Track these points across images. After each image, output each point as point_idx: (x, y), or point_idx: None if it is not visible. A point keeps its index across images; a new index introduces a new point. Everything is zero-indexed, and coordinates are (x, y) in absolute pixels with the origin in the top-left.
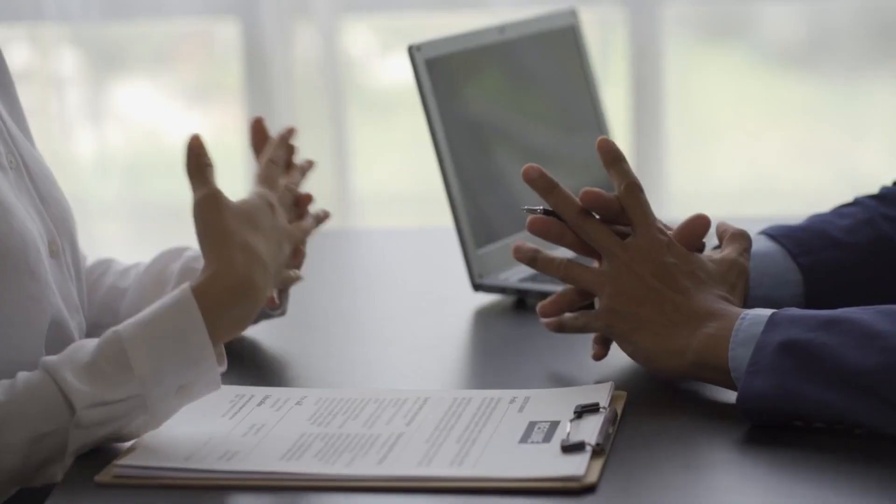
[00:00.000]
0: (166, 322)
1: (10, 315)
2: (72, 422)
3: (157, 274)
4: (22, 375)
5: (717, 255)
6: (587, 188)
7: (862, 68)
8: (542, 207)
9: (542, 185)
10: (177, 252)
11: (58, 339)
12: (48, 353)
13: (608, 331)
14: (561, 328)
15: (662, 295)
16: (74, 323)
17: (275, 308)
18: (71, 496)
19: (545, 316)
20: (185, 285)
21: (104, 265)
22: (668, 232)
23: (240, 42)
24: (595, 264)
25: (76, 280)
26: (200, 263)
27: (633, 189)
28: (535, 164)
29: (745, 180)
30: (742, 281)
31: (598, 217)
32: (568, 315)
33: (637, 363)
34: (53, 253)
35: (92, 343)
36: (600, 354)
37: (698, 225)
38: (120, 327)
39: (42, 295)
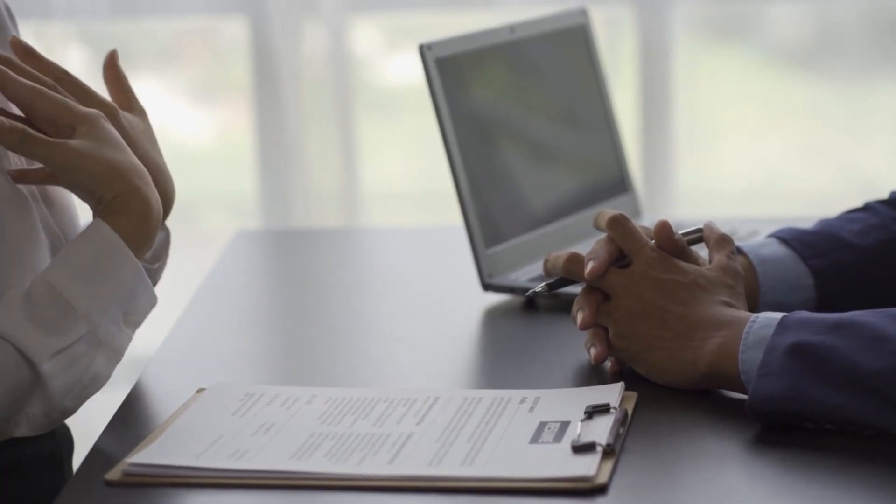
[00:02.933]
0: (86, 252)
1: None
2: (37, 376)
3: None
4: None
5: (709, 262)
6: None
7: (868, 68)
8: (544, 283)
9: (570, 267)
10: None
11: None
12: None
13: (621, 355)
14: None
15: (665, 310)
16: None
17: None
18: (80, 494)
19: (588, 327)
20: (90, 220)
21: None
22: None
23: (247, 40)
24: None
25: None
26: None
27: (618, 221)
28: (550, 255)
29: (751, 179)
30: (739, 283)
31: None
32: (594, 353)
33: (652, 381)
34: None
35: (15, 296)
36: (600, 357)
37: (664, 230)
38: (44, 274)
39: None
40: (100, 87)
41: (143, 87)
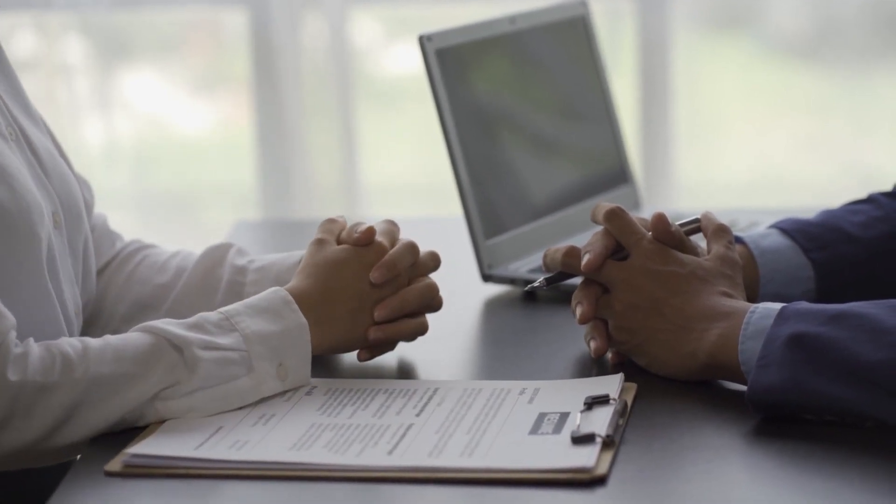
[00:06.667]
0: (262, 301)
1: (11, 278)
2: (182, 355)
3: (202, 277)
4: (99, 345)
5: (707, 252)
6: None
7: (869, 60)
8: (543, 277)
9: (568, 260)
10: (220, 253)
11: (43, 309)
12: (34, 324)
13: (622, 348)
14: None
15: (664, 302)
16: (68, 296)
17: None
18: (80, 485)
19: (587, 321)
20: (276, 288)
21: (141, 254)
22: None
23: (248, 31)
24: None
25: (80, 255)
26: (244, 276)
27: (615, 214)
28: (549, 249)
29: (751, 171)
30: (737, 273)
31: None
32: (594, 346)
33: (653, 372)
34: (56, 224)
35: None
36: (600, 350)
37: (661, 222)
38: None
39: (42, 257)
40: (96, 84)
41: (144, 79)
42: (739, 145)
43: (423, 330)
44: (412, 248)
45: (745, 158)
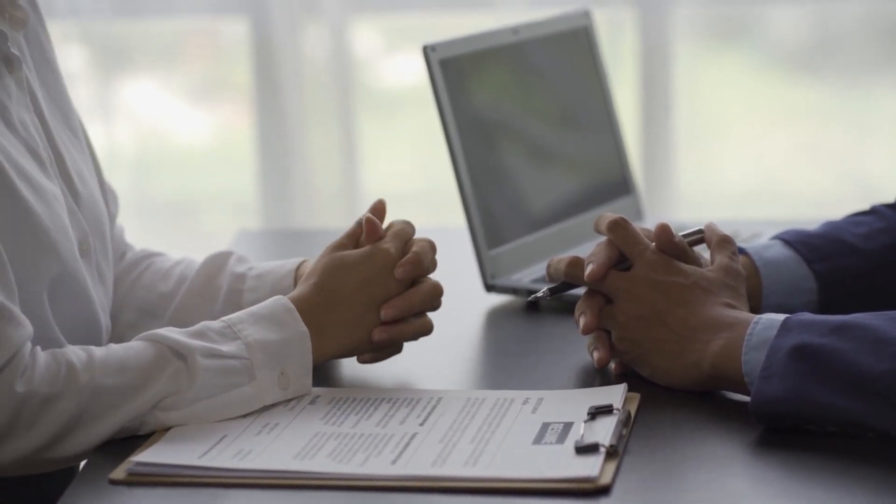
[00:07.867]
0: (264, 309)
1: (40, 297)
2: (185, 363)
3: (203, 285)
4: (103, 355)
5: (710, 263)
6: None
7: (868, 71)
8: (546, 288)
9: (571, 271)
10: (221, 261)
11: (89, 335)
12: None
13: (625, 358)
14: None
15: (667, 313)
16: (103, 322)
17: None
18: (85, 492)
19: (590, 331)
20: (278, 296)
21: (146, 261)
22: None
23: (249, 40)
24: None
25: (109, 281)
26: (243, 284)
27: (619, 224)
28: (553, 260)
29: (751, 181)
30: (741, 283)
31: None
32: (597, 357)
33: (657, 382)
34: (84, 252)
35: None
36: (603, 361)
37: (664, 233)
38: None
39: (76, 284)
40: (97, 93)
41: (144, 87)
42: (739, 154)
43: (427, 330)
44: (433, 245)
45: (745, 167)
